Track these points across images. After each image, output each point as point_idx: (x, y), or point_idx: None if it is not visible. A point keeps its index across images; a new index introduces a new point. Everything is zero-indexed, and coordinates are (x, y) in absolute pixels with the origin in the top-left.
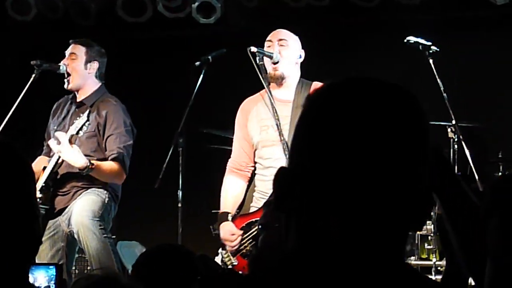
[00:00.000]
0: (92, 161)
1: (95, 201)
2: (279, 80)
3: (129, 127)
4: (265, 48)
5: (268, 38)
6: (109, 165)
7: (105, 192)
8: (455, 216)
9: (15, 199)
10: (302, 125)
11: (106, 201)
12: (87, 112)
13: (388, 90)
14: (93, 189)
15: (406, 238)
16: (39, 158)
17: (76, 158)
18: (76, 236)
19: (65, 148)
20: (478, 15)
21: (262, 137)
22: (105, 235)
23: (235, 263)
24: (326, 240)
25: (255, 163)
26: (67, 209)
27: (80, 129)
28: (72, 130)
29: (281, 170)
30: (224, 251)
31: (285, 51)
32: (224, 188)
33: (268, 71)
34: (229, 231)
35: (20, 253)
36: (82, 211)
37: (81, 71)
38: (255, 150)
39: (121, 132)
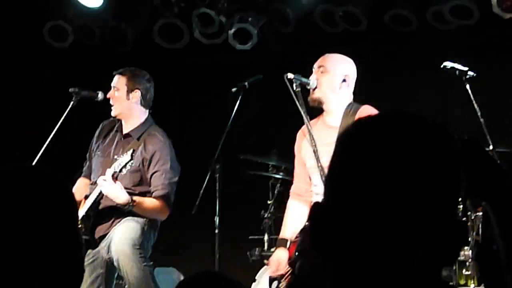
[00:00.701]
0: (133, 198)
1: (134, 228)
2: (316, 104)
3: (175, 165)
4: (311, 83)
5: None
6: (152, 201)
7: (144, 219)
8: (507, 228)
9: (60, 228)
10: (335, 161)
11: (145, 229)
12: (131, 151)
13: (421, 128)
14: (133, 216)
15: (439, 271)
16: (79, 180)
17: (118, 194)
18: (116, 264)
19: (107, 184)
20: None
21: (311, 163)
22: (145, 264)
23: None
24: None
25: None
26: (107, 236)
27: (124, 167)
28: (116, 167)
29: (315, 205)
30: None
31: (323, 78)
32: (286, 213)
33: None
34: (277, 260)
35: (65, 281)
36: (122, 239)
37: (124, 101)
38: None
39: (167, 169)
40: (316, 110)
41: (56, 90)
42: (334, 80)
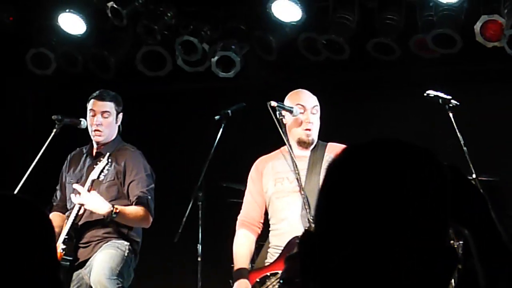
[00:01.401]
0: (116, 206)
1: (113, 256)
2: (310, 145)
3: (149, 172)
4: (295, 110)
5: (300, 102)
6: (134, 209)
7: (126, 243)
8: (486, 256)
9: (38, 251)
10: (322, 189)
11: (126, 254)
12: (107, 155)
13: (406, 149)
14: (113, 241)
15: None
16: (52, 214)
17: (99, 205)
18: None
19: (85, 199)
20: (498, 67)
21: (277, 188)
22: None
23: None
24: None
25: (268, 220)
26: (88, 262)
27: (101, 172)
28: (93, 175)
29: (305, 233)
30: None
31: (315, 117)
32: (238, 242)
33: (298, 135)
34: None
35: None
36: (100, 269)
37: (114, 126)
38: (268, 205)
39: (142, 177)
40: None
41: (38, 118)
42: (319, 118)
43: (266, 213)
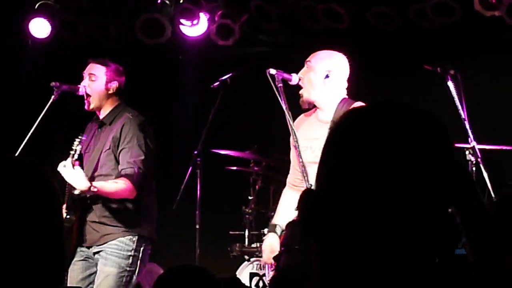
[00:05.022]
0: (94, 184)
1: (115, 278)
2: (308, 106)
3: (142, 141)
4: (293, 78)
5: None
6: (114, 185)
7: (133, 238)
8: (473, 230)
9: (44, 219)
10: (327, 151)
11: (132, 254)
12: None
13: (412, 117)
14: (119, 239)
15: (430, 259)
16: None
17: (77, 181)
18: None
19: (67, 171)
20: (499, 37)
21: (303, 157)
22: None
23: None
24: (341, 264)
25: None
26: (96, 249)
27: (75, 152)
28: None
29: (305, 192)
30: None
31: (306, 75)
32: (280, 201)
33: None
34: (269, 246)
35: (49, 269)
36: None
37: (101, 91)
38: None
39: (133, 146)
40: (299, 105)
41: (38, 85)
42: (317, 77)
43: None
